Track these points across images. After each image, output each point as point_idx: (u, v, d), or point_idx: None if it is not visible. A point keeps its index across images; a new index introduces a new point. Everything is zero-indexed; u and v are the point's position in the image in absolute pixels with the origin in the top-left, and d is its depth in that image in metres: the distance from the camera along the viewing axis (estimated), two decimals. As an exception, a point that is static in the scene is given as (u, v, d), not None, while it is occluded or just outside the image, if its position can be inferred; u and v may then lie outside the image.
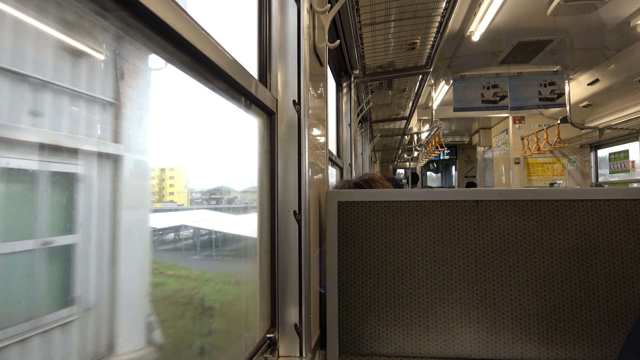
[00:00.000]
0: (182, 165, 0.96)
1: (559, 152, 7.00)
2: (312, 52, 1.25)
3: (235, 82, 0.86)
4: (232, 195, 1.19)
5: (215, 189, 1.13)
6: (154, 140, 0.76)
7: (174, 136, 0.88)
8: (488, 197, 1.13)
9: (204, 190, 1.11)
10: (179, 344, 0.87)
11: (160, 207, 0.93)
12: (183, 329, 0.89)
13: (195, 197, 1.06)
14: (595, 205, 1.09)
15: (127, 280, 0.67)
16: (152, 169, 0.78)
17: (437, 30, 2.54)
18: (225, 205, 1.17)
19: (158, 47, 0.67)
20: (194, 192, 1.07)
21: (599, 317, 1.07)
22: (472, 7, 3.87)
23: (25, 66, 0.49)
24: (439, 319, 1.12)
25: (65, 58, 0.55)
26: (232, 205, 1.19)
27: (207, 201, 1.12)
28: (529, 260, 1.10)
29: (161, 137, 0.80)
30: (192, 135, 0.98)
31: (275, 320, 1.10)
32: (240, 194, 1.22)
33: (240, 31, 1.11)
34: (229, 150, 1.15)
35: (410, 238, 1.14)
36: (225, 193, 1.16)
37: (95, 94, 0.60)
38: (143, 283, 0.75)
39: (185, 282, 0.96)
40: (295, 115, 1.11)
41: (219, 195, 1.14)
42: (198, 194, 1.09)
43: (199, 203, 1.09)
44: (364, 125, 4.97)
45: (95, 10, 0.54)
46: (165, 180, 0.90)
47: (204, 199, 1.11)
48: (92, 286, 0.60)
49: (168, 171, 0.91)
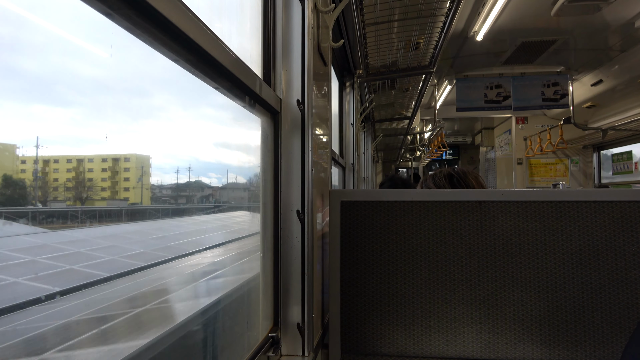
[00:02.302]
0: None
1: (561, 153, 6.98)
2: (316, 52, 1.25)
3: (240, 81, 0.87)
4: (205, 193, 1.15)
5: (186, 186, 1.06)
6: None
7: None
8: (491, 197, 1.13)
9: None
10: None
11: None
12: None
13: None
14: (598, 207, 1.09)
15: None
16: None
17: (441, 30, 2.54)
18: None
19: (163, 46, 0.67)
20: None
21: (601, 319, 1.07)
22: (476, 7, 3.86)
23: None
24: (442, 319, 1.12)
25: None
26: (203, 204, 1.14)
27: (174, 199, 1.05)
28: (531, 261, 1.10)
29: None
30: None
31: (278, 319, 1.10)
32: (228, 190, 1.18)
33: (245, 30, 1.12)
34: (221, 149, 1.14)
35: (413, 238, 1.14)
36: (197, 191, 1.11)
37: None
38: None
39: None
40: (299, 114, 1.12)
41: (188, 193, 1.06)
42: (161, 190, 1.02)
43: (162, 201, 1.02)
44: (366, 124, 4.96)
45: (102, 9, 0.54)
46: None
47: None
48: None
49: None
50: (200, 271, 1.66)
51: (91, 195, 0.89)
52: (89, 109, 0.75)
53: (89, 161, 0.85)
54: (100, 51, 0.69)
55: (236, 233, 1.72)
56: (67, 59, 0.69)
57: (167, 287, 1.43)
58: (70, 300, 1.13)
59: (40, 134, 0.66)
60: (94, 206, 0.91)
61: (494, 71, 5.74)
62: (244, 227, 1.57)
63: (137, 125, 0.88)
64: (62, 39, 0.66)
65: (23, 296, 0.89)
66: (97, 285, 1.19)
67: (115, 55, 0.67)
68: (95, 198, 0.90)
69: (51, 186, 0.79)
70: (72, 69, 0.70)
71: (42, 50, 0.63)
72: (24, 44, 0.59)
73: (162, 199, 1.17)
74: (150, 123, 0.96)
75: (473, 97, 5.83)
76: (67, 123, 0.72)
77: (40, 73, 0.64)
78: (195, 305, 1.15)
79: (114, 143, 0.78)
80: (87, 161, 0.83)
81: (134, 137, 0.88)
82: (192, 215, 1.65)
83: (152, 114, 0.96)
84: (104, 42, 0.66)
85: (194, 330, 1.10)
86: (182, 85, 0.90)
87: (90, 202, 0.89)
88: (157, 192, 1.13)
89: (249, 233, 1.21)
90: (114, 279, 1.24)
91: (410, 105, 4.89)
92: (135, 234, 1.81)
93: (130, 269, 1.42)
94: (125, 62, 0.74)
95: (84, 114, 0.74)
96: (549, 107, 5.83)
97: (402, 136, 7.30)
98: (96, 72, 0.73)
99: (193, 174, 1.22)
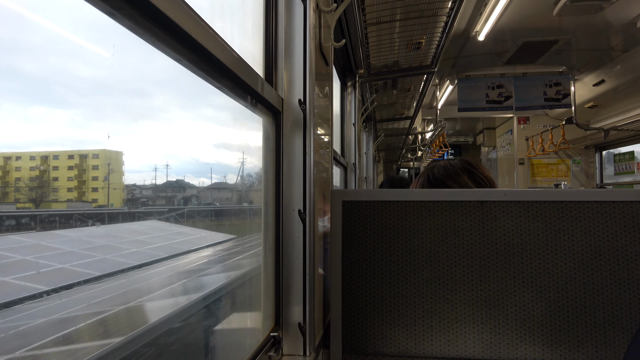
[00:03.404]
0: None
1: (563, 153, 6.96)
2: (318, 52, 1.25)
3: (242, 80, 0.87)
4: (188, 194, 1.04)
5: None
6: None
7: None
8: (493, 197, 1.12)
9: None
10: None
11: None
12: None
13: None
14: (600, 207, 1.09)
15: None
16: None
17: (443, 30, 2.54)
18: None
19: (166, 46, 0.67)
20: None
21: (603, 319, 1.07)
22: (478, 7, 3.85)
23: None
24: (443, 319, 1.12)
25: None
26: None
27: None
28: (533, 261, 1.10)
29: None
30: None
31: (279, 319, 1.10)
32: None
33: (246, 30, 1.12)
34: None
35: (414, 238, 1.14)
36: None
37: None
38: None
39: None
40: (300, 114, 1.12)
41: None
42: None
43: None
44: (368, 124, 4.96)
45: (105, 9, 0.55)
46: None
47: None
48: None
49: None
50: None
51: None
52: (89, 109, 0.75)
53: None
54: (102, 51, 0.69)
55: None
56: (68, 58, 0.69)
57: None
58: None
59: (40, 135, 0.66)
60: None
61: (495, 71, 5.73)
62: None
63: (136, 126, 0.88)
64: (64, 39, 0.66)
65: None
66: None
67: (117, 55, 0.67)
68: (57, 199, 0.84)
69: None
70: (72, 69, 0.70)
71: (39, 50, 0.63)
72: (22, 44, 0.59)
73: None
74: (151, 124, 0.96)
75: (475, 97, 5.82)
76: (67, 124, 0.72)
77: (38, 73, 0.64)
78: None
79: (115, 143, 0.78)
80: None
81: (133, 137, 0.88)
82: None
83: (152, 114, 0.96)
84: (105, 42, 0.66)
85: (196, 330, 1.10)
86: (184, 85, 0.90)
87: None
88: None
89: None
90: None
91: (411, 105, 4.88)
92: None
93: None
94: (126, 61, 0.74)
95: (84, 114, 0.74)
96: (551, 107, 5.83)
97: (404, 136, 7.29)
98: (97, 72, 0.73)
99: (174, 173, 1.18)
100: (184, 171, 1.24)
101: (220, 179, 1.43)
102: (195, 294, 1.43)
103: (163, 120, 1.00)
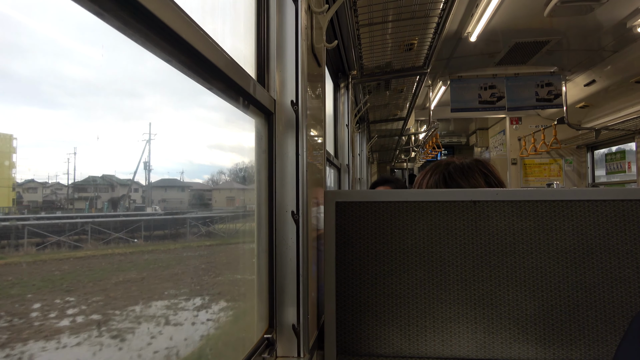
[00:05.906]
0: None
1: (555, 153, 7.03)
2: (310, 53, 1.25)
3: (234, 82, 0.86)
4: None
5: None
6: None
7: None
8: (485, 197, 1.13)
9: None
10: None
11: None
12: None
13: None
14: (591, 206, 1.10)
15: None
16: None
17: (435, 31, 2.55)
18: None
19: (156, 47, 0.67)
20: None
21: (595, 317, 1.07)
22: (470, 8, 3.88)
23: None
24: (437, 319, 1.12)
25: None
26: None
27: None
28: (526, 261, 1.10)
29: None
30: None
31: (273, 320, 1.10)
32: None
33: (238, 31, 1.11)
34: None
35: (407, 238, 1.15)
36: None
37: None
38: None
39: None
40: (293, 115, 1.11)
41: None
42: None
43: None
44: (361, 125, 4.97)
45: (94, 10, 0.54)
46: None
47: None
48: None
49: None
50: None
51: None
52: (79, 109, 0.74)
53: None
54: (92, 52, 0.69)
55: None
56: (57, 59, 0.68)
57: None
58: None
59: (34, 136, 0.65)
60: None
61: (487, 72, 5.77)
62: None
63: (127, 125, 0.87)
64: (53, 40, 0.66)
65: None
66: None
67: (107, 55, 0.66)
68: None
69: None
70: (61, 69, 0.69)
71: (30, 51, 0.63)
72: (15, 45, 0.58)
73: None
74: (141, 124, 0.95)
75: (467, 97, 5.86)
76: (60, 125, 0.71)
77: (28, 73, 0.63)
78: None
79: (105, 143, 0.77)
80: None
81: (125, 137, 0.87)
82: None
83: (143, 115, 0.95)
84: (95, 42, 0.65)
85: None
86: (174, 87, 0.90)
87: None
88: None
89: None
90: None
91: (404, 106, 4.90)
92: None
93: None
94: (116, 62, 0.74)
95: (74, 115, 0.73)
96: (543, 107, 5.87)
97: (397, 137, 7.32)
98: (87, 73, 0.72)
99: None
100: (173, 172, 1.23)
101: (209, 180, 1.42)
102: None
103: (154, 121, 1.00)
